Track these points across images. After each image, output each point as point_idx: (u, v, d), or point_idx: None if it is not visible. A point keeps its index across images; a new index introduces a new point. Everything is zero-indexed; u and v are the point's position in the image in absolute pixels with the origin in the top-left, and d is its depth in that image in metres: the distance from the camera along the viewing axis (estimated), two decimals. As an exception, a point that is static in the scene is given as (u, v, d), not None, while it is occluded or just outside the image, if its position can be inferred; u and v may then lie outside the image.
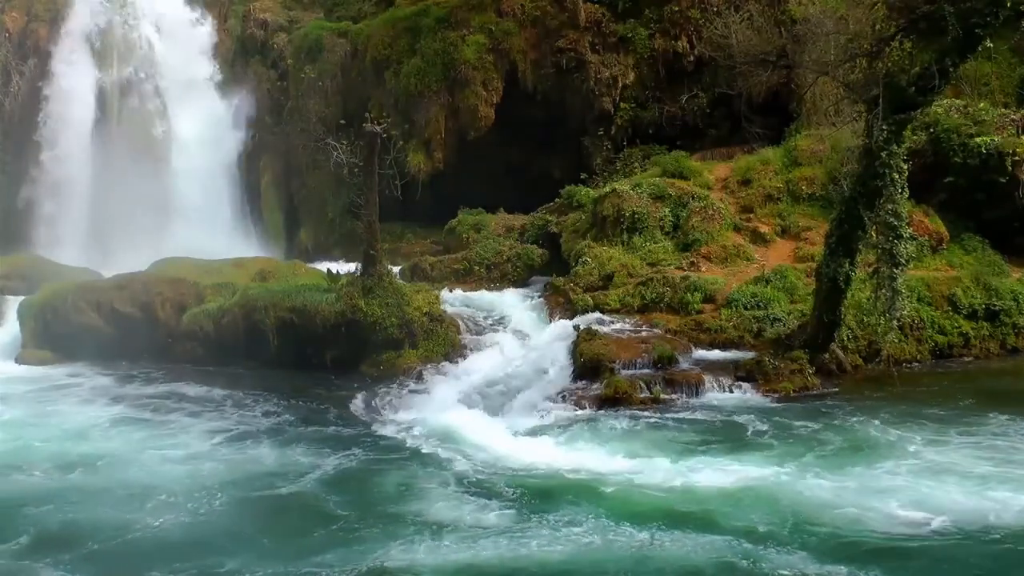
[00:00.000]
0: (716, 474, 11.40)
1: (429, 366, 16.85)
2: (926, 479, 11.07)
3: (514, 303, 19.80)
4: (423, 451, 12.70)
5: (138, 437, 13.49)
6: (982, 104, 21.07)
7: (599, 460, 12.03)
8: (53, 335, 18.72)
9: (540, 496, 10.86)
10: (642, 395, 14.61)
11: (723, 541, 9.50)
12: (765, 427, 13.27)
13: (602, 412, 14.18)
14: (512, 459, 12.19)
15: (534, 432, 13.39)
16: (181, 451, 12.82)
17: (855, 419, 13.52)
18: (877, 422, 13.27)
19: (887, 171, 14.10)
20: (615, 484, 11.18)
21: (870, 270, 15.12)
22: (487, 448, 12.65)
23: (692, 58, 26.21)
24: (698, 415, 13.97)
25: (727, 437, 12.94)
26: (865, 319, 16.18)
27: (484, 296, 20.46)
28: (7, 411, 14.96)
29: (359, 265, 18.18)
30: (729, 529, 9.79)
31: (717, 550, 9.31)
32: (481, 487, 11.21)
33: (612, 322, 17.35)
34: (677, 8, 26.33)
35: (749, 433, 13.12)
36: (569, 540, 9.61)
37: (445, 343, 17.46)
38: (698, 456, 12.13)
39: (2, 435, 13.56)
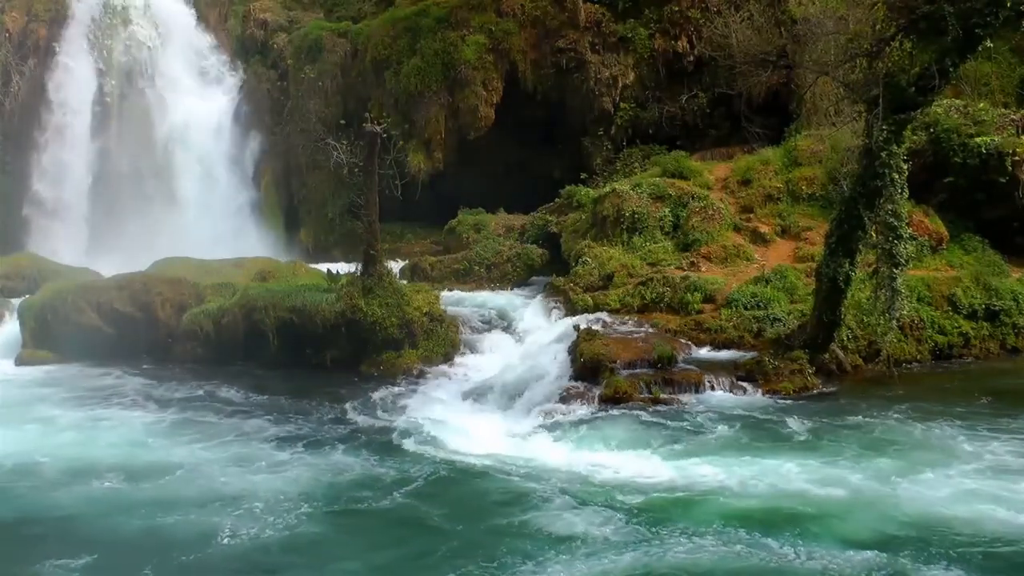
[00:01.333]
0: (782, 478, 11.13)
1: (429, 366, 16.85)
2: (1006, 480, 10.90)
3: (514, 303, 19.81)
4: (425, 452, 12.69)
5: (188, 441, 13.27)
6: (982, 104, 21.07)
7: (649, 464, 11.87)
8: (53, 335, 18.71)
9: (629, 506, 10.48)
10: (642, 395, 14.60)
11: (853, 552, 9.08)
12: (797, 427, 13.06)
13: (602, 412, 14.17)
14: (563, 466, 11.88)
15: (544, 432, 13.34)
16: (232, 457, 12.51)
17: (884, 417, 13.38)
18: (912, 421, 13.17)
19: (887, 171, 14.10)
20: (691, 490, 10.86)
21: (870, 270, 15.11)
22: (494, 449, 12.60)
23: (692, 58, 26.24)
24: (710, 415, 13.85)
25: (758, 437, 12.73)
26: (865, 319, 16.17)
27: (484, 296, 20.46)
28: (55, 415, 14.70)
29: (359, 265, 18.18)
30: (847, 539, 9.36)
31: (855, 563, 8.86)
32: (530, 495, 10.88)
33: (612, 322, 17.35)
34: (677, 8, 26.35)
35: (783, 433, 12.90)
36: (693, 549, 9.31)
37: (445, 343, 17.46)
38: (747, 456, 11.95)
39: (56, 440, 13.35)
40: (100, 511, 10.65)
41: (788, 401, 14.53)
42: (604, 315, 17.67)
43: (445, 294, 19.64)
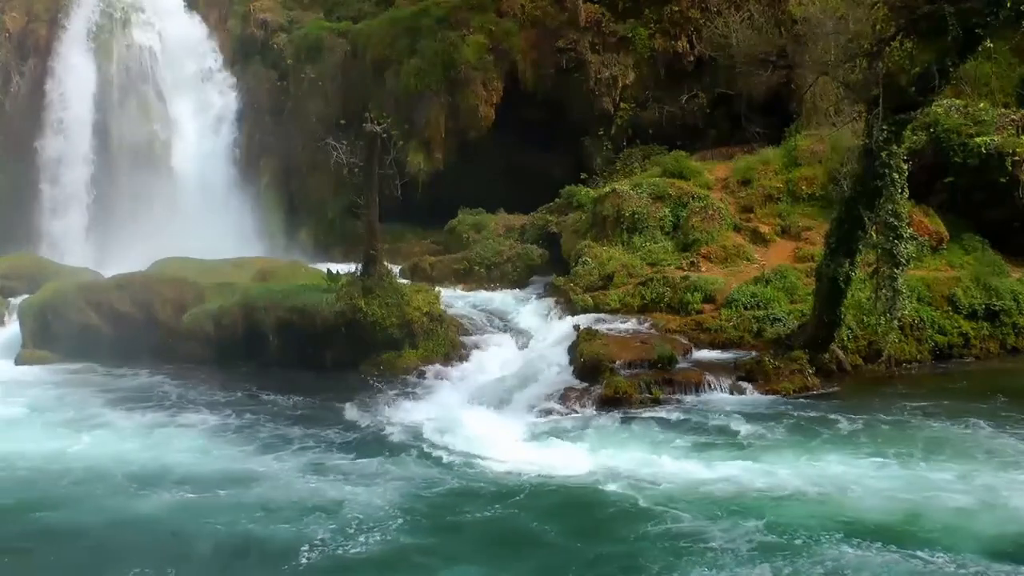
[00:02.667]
0: (785, 477, 11.11)
1: (429, 366, 16.85)
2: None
3: (514, 303, 19.82)
4: (425, 453, 12.69)
5: (246, 444, 13.16)
6: (982, 104, 21.07)
7: (651, 464, 11.84)
8: (53, 335, 18.69)
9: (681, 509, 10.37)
10: (642, 395, 14.60)
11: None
12: (798, 427, 13.07)
13: (603, 412, 14.17)
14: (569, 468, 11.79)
15: (544, 432, 13.33)
16: (303, 463, 12.34)
17: (886, 417, 13.42)
18: (914, 421, 13.18)
19: (887, 171, 14.10)
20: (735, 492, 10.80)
21: (870, 270, 15.11)
22: (495, 449, 12.57)
23: (692, 58, 26.22)
24: (710, 415, 13.88)
25: (759, 438, 12.74)
26: (865, 319, 16.19)
27: (484, 296, 20.46)
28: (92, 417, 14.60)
29: (359, 265, 18.17)
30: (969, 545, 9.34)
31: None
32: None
33: (612, 322, 17.35)
34: (677, 8, 26.33)
35: (784, 433, 12.88)
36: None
37: (445, 343, 17.45)
38: (750, 456, 11.94)
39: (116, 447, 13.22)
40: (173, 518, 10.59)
41: (788, 401, 14.53)
42: (604, 315, 17.68)
43: (445, 294, 19.62)
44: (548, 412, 14.21)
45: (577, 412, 14.24)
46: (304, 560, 9.38)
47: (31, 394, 16.03)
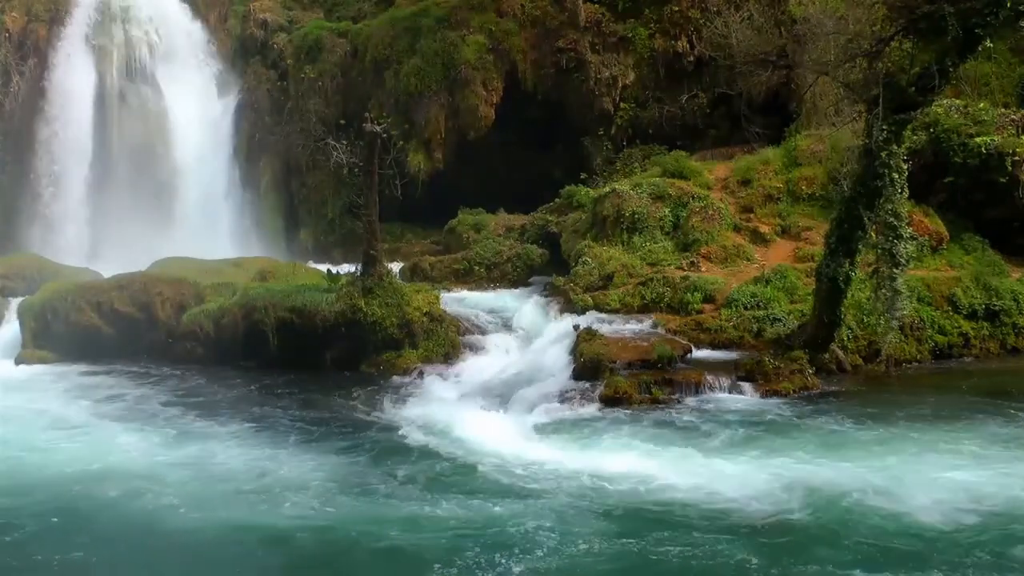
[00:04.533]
0: (788, 477, 11.05)
1: (429, 366, 16.85)
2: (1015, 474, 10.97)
3: (514, 303, 19.79)
4: (425, 453, 12.68)
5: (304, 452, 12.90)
6: (982, 104, 21.07)
7: (654, 464, 11.71)
8: (53, 335, 18.70)
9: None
10: (642, 395, 14.59)
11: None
12: (798, 427, 12.99)
13: (603, 412, 14.16)
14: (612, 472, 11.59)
15: (544, 432, 13.31)
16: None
17: (886, 417, 13.35)
18: (914, 420, 13.11)
19: (887, 171, 14.10)
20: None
21: (870, 270, 15.11)
22: (495, 449, 12.54)
23: (692, 58, 26.25)
24: (710, 415, 13.83)
25: (760, 437, 12.68)
26: (865, 319, 16.19)
27: (484, 296, 20.45)
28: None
29: (359, 265, 18.17)
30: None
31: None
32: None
33: (612, 322, 17.34)
34: (677, 8, 26.36)
35: (785, 433, 12.80)
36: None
37: (445, 343, 17.45)
38: (751, 456, 11.89)
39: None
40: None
41: (788, 401, 14.52)
42: (604, 315, 17.67)
43: (445, 294, 19.63)
44: (548, 412, 14.19)
45: (577, 412, 14.23)
46: (303, 562, 9.35)
47: (31, 394, 16.02)
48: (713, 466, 11.63)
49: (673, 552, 9.28)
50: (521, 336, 17.93)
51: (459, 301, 19.77)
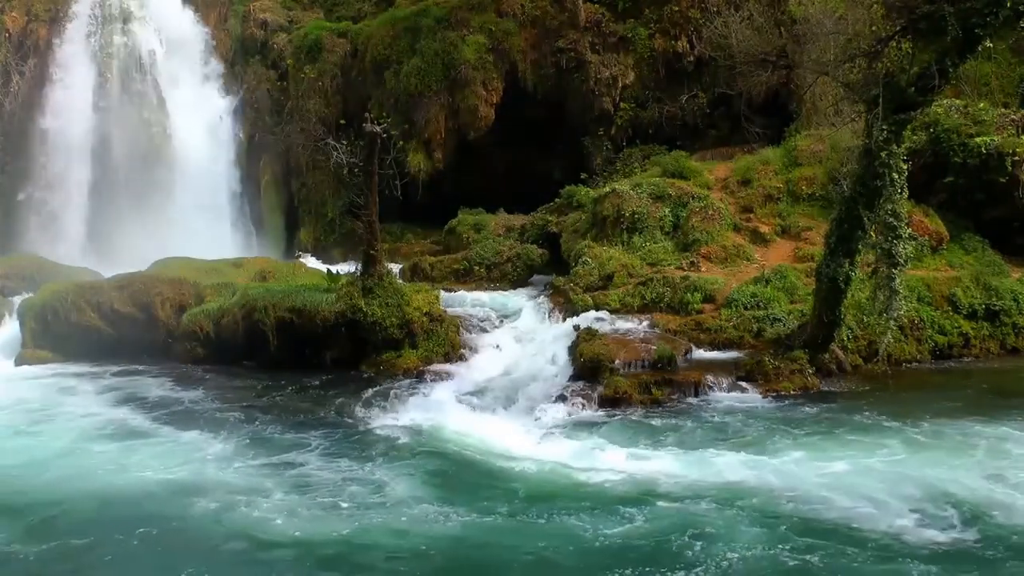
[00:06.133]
0: (792, 476, 11.07)
1: (429, 366, 16.84)
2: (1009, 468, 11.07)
3: (514, 303, 19.80)
4: (425, 453, 12.69)
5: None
6: (982, 104, 21.08)
7: (655, 464, 11.76)
8: (53, 335, 18.69)
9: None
10: (642, 395, 14.59)
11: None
12: (798, 426, 12.97)
13: (603, 412, 14.17)
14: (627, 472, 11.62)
15: (545, 432, 13.29)
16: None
17: (886, 417, 13.34)
18: (914, 420, 13.10)
19: (887, 171, 14.09)
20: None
21: (870, 270, 15.12)
22: (502, 451, 12.53)
23: (692, 58, 26.26)
24: (710, 415, 13.83)
25: (761, 437, 12.65)
26: (865, 319, 16.18)
27: (484, 296, 20.45)
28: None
29: (359, 265, 18.17)
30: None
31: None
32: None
33: (612, 322, 17.34)
34: (677, 8, 26.37)
35: (786, 432, 12.77)
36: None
37: (445, 343, 17.45)
38: (753, 455, 11.89)
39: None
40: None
41: (788, 401, 14.53)
42: (604, 315, 17.67)
43: (445, 294, 19.63)
44: (548, 412, 14.19)
45: (577, 412, 14.23)
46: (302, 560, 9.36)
47: (31, 394, 16.01)
48: (712, 465, 11.64)
49: (674, 552, 9.29)
50: (521, 336, 17.92)
51: (459, 301, 19.78)
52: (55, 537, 9.92)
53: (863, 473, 11.25)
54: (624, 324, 17.31)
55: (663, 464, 11.75)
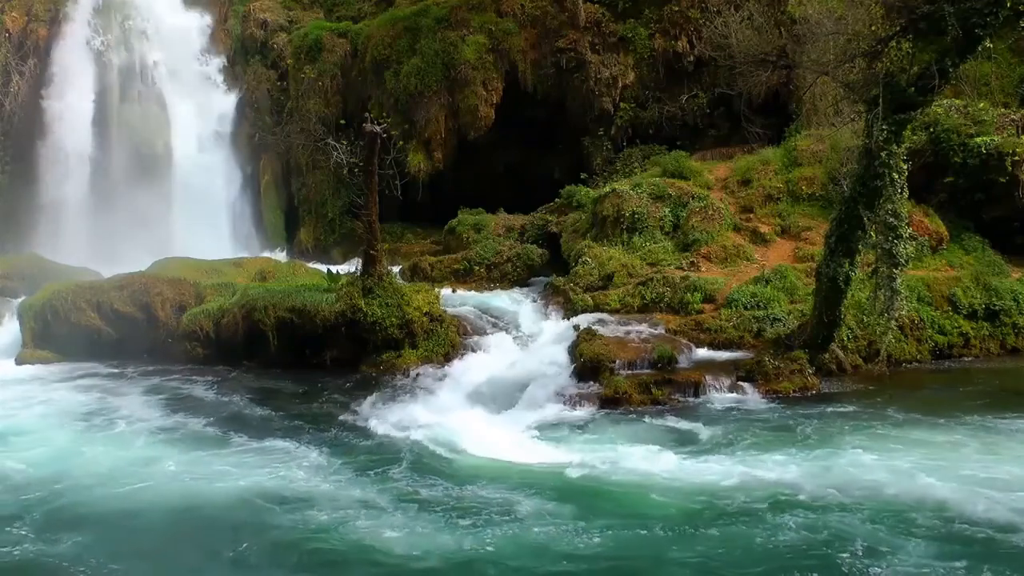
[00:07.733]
0: (793, 476, 11.06)
1: (429, 366, 16.84)
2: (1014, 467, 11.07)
3: (514, 303, 19.80)
4: (426, 453, 12.68)
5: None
6: (982, 104, 21.06)
7: (656, 464, 11.76)
8: (53, 335, 18.70)
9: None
10: (642, 395, 14.59)
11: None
12: (798, 426, 12.97)
13: (603, 412, 14.17)
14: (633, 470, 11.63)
15: (545, 432, 13.31)
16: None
17: (886, 416, 13.37)
18: (914, 419, 13.14)
19: (887, 171, 14.10)
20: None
21: (870, 270, 15.12)
22: (503, 451, 12.51)
23: (692, 58, 26.25)
24: (710, 415, 13.85)
25: (761, 437, 12.67)
26: (865, 319, 16.18)
27: (484, 296, 20.45)
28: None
29: (359, 265, 18.17)
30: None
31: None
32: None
33: (612, 322, 17.34)
34: (677, 8, 26.37)
35: (786, 432, 12.77)
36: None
37: (445, 343, 17.45)
38: (754, 455, 11.90)
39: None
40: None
41: (788, 401, 14.53)
42: (604, 315, 17.68)
43: (445, 294, 19.63)
44: (548, 412, 14.19)
45: (577, 412, 14.24)
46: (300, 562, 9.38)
47: (31, 394, 16.01)
48: (713, 465, 11.64)
49: (678, 551, 9.29)
50: (521, 336, 17.93)
51: (459, 301, 19.77)
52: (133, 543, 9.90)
53: (864, 473, 11.22)
54: (624, 324, 17.30)
55: (661, 464, 11.73)
